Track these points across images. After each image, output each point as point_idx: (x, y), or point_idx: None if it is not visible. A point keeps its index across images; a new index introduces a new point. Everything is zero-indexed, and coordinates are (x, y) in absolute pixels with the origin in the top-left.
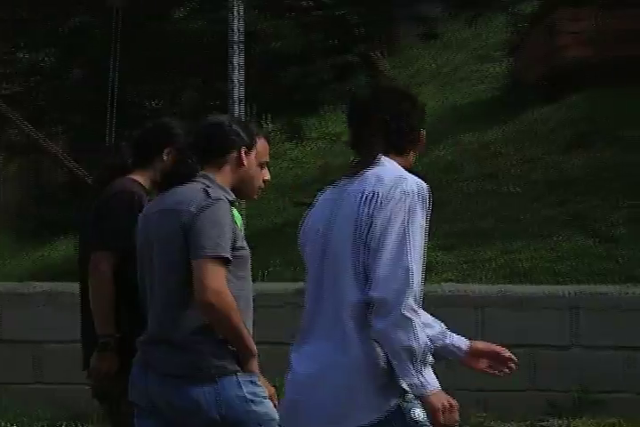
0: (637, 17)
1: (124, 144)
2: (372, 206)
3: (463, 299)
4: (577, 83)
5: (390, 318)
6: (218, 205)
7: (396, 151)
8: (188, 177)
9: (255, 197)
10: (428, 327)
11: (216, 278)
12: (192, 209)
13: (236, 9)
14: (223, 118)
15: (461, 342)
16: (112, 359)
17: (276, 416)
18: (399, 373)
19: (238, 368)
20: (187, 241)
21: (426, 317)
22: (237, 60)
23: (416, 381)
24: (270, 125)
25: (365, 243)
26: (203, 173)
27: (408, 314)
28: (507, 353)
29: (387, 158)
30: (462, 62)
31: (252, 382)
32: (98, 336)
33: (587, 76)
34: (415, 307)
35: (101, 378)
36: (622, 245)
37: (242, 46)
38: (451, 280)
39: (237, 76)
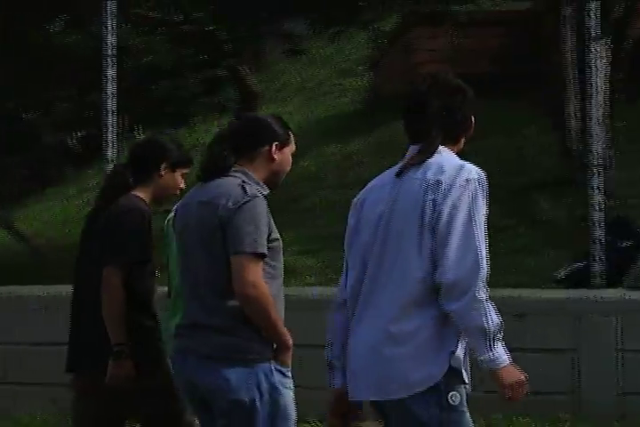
0: (488, 36)
1: (120, 164)
2: (437, 193)
3: (329, 303)
4: None
5: (464, 299)
6: (254, 201)
7: (450, 140)
8: (225, 170)
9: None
10: None
11: (253, 273)
12: (230, 205)
13: (109, 24)
14: (258, 115)
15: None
16: (128, 365)
17: (292, 413)
18: (473, 348)
19: (272, 357)
20: (225, 235)
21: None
22: (111, 72)
23: (488, 356)
24: (142, 136)
25: (431, 228)
26: (239, 166)
27: (480, 296)
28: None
29: (443, 148)
30: (326, 77)
31: (282, 372)
32: (112, 346)
33: None
34: (485, 288)
35: (121, 383)
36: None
37: (115, 60)
38: (314, 284)
39: (111, 88)
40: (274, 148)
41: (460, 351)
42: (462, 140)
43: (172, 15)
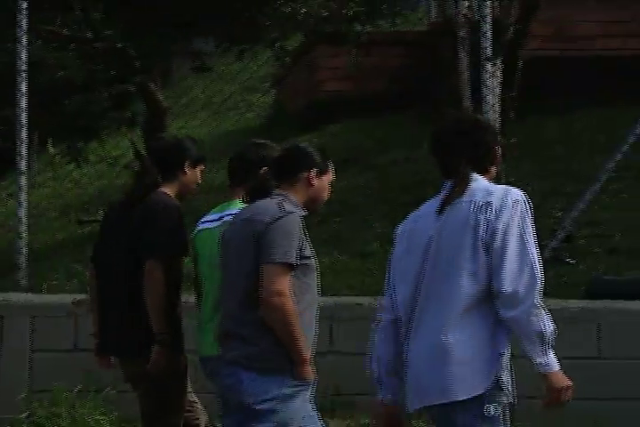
0: (388, 55)
1: (148, 163)
2: (488, 213)
3: None
4: (335, 113)
5: (523, 307)
6: (289, 217)
7: (480, 172)
8: (267, 193)
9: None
10: None
11: (280, 282)
12: (266, 219)
13: (23, 40)
14: (300, 143)
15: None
16: (169, 352)
17: (297, 424)
18: (529, 353)
19: (289, 369)
20: (258, 248)
21: None
22: (24, 87)
23: (543, 360)
24: (52, 149)
25: (485, 245)
26: (280, 190)
27: (538, 304)
28: None
29: (477, 175)
30: (233, 93)
31: (297, 385)
32: (160, 332)
33: (344, 107)
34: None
35: (162, 367)
36: (375, 261)
37: (27, 75)
38: None
39: (24, 103)
40: (313, 174)
41: (506, 363)
42: (493, 169)
43: (84, 32)
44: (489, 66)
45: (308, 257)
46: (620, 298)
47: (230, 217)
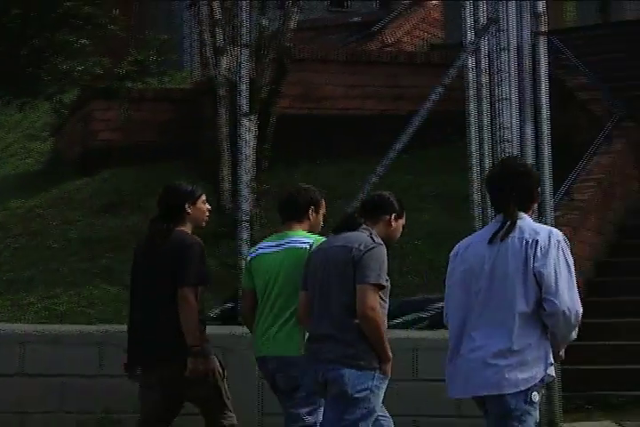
0: (157, 110)
1: (157, 218)
2: (535, 249)
3: (9, 336)
4: (107, 161)
5: (569, 323)
6: (379, 247)
7: (523, 209)
8: (355, 227)
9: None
10: None
11: (373, 299)
12: (362, 248)
13: None
14: (385, 192)
15: None
16: (204, 361)
17: (377, 409)
18: (556, 347)
19: (377, 366)
20: (355, 269)
21: None
22: None
23: (562, 352)
24: None
25: (533, 273)
26: (364, 226)
27: (577, 323)
28: None
29: (523, 214)
30: (14, 140)
31: (382, 378)
32: (191, 347)
33: (115, 156)
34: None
35: (200, 375)
36: None
37: None
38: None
39: None
40: (392, 217)
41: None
42: (532, 207)
43: None
44: (245, 121)
45: (387, 280)
46: None
47: (295, 244)
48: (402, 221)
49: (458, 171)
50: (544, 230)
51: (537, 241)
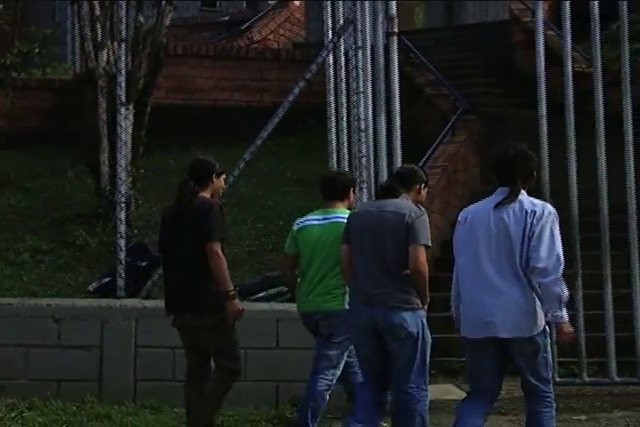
0: (40, 98)
1: (187, 182)
2: (533, 218)
3: None
4: None
5: (550, 278)
6: (425, 215)
7: (522, 186)
8: (397, 194)
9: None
10: None
11: (423, 257)
12: (412, 215)
13: None
14: (414, 166)
15: None
16: (238, 303)
17: (430, 340)
18: (550, 308)
19: (421, 307)
20: (408, 232)
21: None
22: None
23: (558, 314)
24: None
25: (528, 238)
26: (403, 193)
27: (560, 278)
28: None
29: (523, 191)
30: None
31: (425, 317)
32: (226, 292)
33: (0, 140)
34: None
35: (240, 314)
36: (25, 269)
37: None
38: None
39: None
40: (422, 186)
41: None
42: (529, 186)
43: None
44: (123, 110)
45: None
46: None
47: (339, 219)
48: (426, 190)
49: (318, 157)
50: (540, 204)
51: (535, 211)
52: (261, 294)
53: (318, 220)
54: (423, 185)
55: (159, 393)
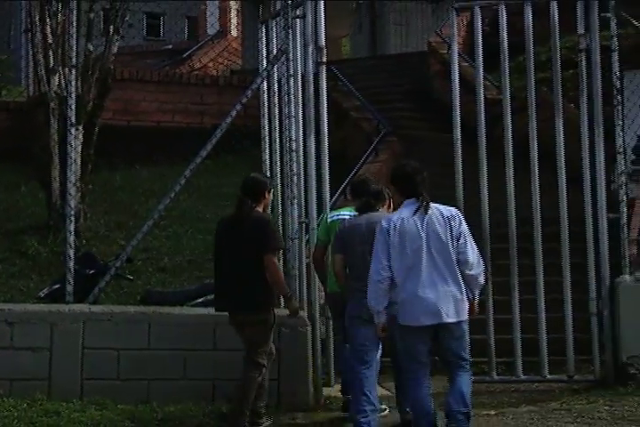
0: None
1: (245, 199)
2: (454, 221)
3: None
4: None
5: (476, 271)
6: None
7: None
8: (375, 208)
9: None
10: None
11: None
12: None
13: None
14: (381, 186)
15: None
16: (296, 303)
17: None
18: (473, 292)
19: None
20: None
21: None
22: None
23: (476, 296)
24: None
25: (457, 239)
26: (378, 207)
27: (482, 271)
28: None
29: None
30: None
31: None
32: (284, 295)
33: None
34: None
35: (297, 312)
36: None
37: None
38: None
39: None
40: (389, 202)
41: None
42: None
43: None
44: (73, 130)
45: None
46: (166, 305)
47: (347, 216)
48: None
49: None
50: (453, 209)
51: (454, 216)
52: (200, 300)
53: (348, 215)
54: (388, 202)
55: (104, 391)
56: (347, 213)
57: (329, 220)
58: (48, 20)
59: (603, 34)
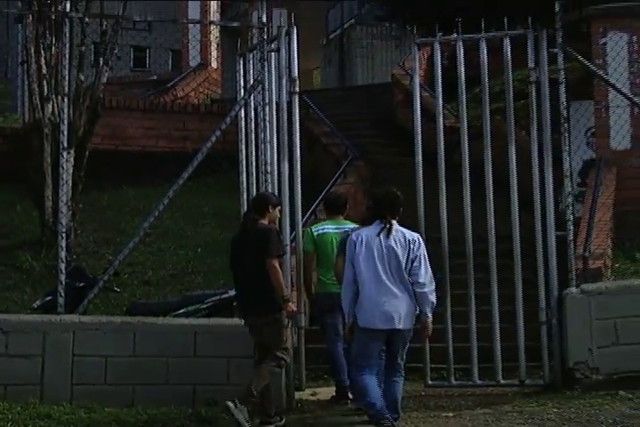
0: None
1: (249, 212)
2: (414, 245)
3: None
4: None
5: (427, 289)
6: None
7: (393, 218)
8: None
9: None
10: None
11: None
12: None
13: None
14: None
15: None
16: (292, 305)
17: None
18: (424, 309)
19: None
20: None
21: None
22: None
23: (429, 315)
24: None
25: (412, 261)
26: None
27: (433, 289)
28: None
29: (394, 221)
30: None
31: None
32: (283, 296)
33: None
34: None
35: (293, 313)
36: None
37: None
38: None
39: None
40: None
41: None
42: (397, 217)
43: None
44: (65, 154)
45: None
46: (150, 315)
47: (345, 228)
48: None
49: (231, 195)
50: (415, 235)
51: (415, 240)
52: (182, 311)
53: (332, 228)
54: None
55: (92, 395)
56: (329, 226)
57: (315, 233)
58: (43, 52)
59: (551, 68)
